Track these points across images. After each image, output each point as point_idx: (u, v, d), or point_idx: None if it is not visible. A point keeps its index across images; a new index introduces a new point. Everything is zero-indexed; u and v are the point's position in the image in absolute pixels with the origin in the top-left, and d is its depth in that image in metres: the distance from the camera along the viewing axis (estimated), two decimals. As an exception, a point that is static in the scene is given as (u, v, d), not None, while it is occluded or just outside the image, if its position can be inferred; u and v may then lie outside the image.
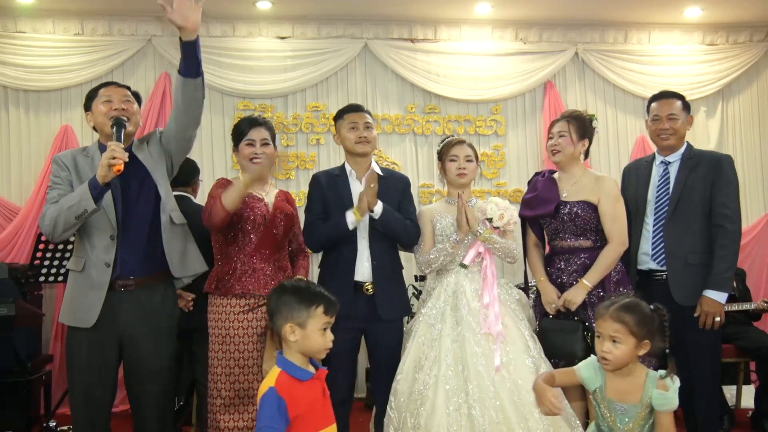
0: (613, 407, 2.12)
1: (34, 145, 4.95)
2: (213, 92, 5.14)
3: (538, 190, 3.12)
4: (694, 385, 2.99)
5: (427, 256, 3.01)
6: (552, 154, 3.09)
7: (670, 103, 3.16)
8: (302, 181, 5.13)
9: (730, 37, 5.57)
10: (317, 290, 2.08)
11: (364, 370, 4.56)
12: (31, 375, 4.05)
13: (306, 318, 2.00)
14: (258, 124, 2.88)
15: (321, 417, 2.00)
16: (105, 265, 2.54)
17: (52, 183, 2.63)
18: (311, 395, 1.99)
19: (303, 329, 2.00)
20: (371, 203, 2.84)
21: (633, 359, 2.12)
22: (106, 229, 2.57)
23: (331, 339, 2.04)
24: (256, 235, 2.78)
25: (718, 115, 5.60)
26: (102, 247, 2.56)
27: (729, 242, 2.99)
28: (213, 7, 4.93)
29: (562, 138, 3.04)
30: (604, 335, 2.11)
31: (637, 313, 2.10)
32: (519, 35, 5.42)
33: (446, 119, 5.35)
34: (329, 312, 2.03)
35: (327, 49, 5.23)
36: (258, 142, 2.84)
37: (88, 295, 2.54)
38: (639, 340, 2.09)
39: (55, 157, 2.69)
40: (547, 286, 3.00)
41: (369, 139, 3.01)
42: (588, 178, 3.07)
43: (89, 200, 2.44)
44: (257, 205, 2.80)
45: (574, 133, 3.03)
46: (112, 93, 2.68)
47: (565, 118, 3.10)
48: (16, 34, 4.93)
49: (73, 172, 2.61)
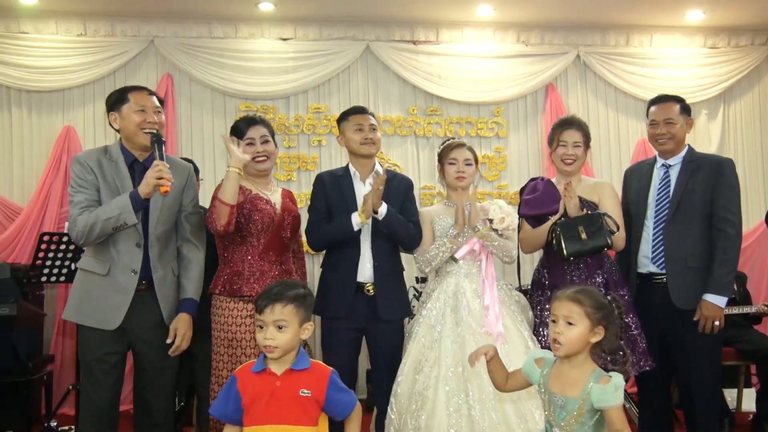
0: (553, 400, 2.09)
1: (36, 146, 4.96)
2: (215, 93, 5.16)
3: (539, 191, 3.13)
4: (694, 388, 3.00)
5: (425, 253, 3.01)
6: (566, 163, 3.08)
7: (668, 108, 3.16)
8: (303, 183, 5.13)
9: (731, 41, 5.57)
10: (266, 288, 2.15)
11: (365, 371, 4.57)
12: (32, 375, 4.06)
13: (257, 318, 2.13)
14: (255, 123, 2.89)
15: (266, 414, 2.02)
16: (132, 272, 2.60)
17: (77, 185, 2.62)
18: (259, 388, 2.04)
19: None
20: (376, 205, 2.84)
21: (584, 347, 2.07)
22: (134, 237, 2.61)
23: (266, 338, 2.04)
24: (265, 237, 2.78)
25: (719, 118, 5.60)
26: (129, 253, 2.60)
27: (730, 246, 2.99)
28: (215, 9, 4.95)
29: (577, 148, 3.08)
30: (558, 317, 2.09)
31: (593, 297, 2.09)
32: (520, 37, 5.42)
33: (447, 121, 5.35)
34: (258, 310, 2.08)
35: (329, 50, 5.23)
36: (258, 140, 2.85)
37: (113, 297, 2.58)
38: (593, 324, 2.05)
39: (78, 158, 2.67)
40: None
41: (374, 140, 3.02)
42: (586, 183, 3.16)
43: (131, 214, 2.49)
44: (264, 206, 2.80)
45: (585, 143, 3.11)
46: (146, 102, 2.66)
47: (576, 126, 3.11)
48: (18, 34, 4.94)
49: (99, 176, 2.61)
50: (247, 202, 2.78)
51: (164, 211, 2.68)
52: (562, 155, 3.08)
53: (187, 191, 2.78)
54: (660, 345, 3.03)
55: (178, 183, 2.70)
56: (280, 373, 2.06)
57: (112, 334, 2.58)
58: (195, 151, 5.04)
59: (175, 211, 2.74)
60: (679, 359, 3.04)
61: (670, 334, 3.04)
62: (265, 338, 2.04)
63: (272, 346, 2.03)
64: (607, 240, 2.84)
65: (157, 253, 2.65)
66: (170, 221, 2.72)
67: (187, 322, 2.67)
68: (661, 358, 3.02)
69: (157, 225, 2.66)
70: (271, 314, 2.04)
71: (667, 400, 3.23)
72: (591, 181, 3.18)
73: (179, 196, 2.74)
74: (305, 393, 2.04)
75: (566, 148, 3.07)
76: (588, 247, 2.85)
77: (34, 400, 4.18)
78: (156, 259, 2.65)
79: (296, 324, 2.07)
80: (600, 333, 2.07)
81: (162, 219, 2.67)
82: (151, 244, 2.64)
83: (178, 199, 2.74)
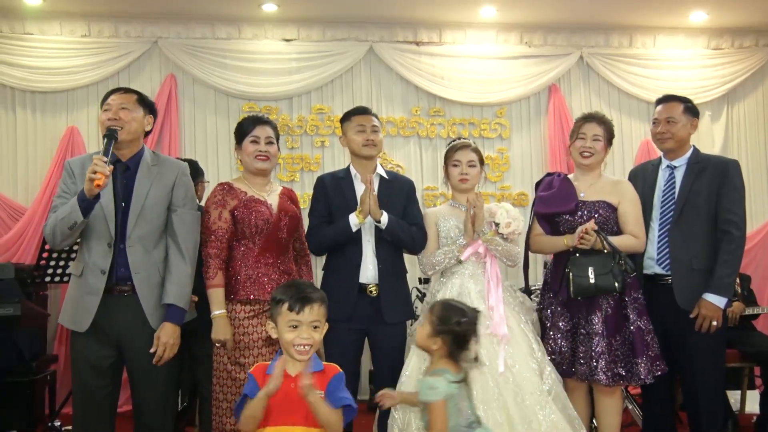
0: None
1: (41, 146, 4.97)
2: (218, 94, 5.17)
3: (555, 188, 3.09)
4: (698, 388, 2.99)
5: (431, 258, 3.01)
6: (583, 156, 3.05)
7: (671, 107, 3.16)
8: (306, 183, 5.13)
9: (735, 42, 5.56)
10: (293, 288, 2.17)
11: (367, 372, 4.57)
12: (36, 375, 4.06)
13: (277, 316, 2.14)
14: (263, 123, 2.88)
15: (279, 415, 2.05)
16: (101, 272, 2.53)
17: (59, 190, 2.62)
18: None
19: (278, 326, 2.14)
20: (375, 213, 2.84)
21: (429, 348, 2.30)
22: (105, 237, 2.55)
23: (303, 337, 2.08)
24: (260, 239, 2.77)
25: (723, 119, 5.59)
26: (99, 253, 2.54)
27: (734, 248, 2.98)
28: (218, 10, 4.96)
29: (596, 142, 3.04)
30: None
31: (445, 309, 2.31)
32: (524, 39, 5.41)
33: (450, 122, 5.35)
34: (294, 308, 2.09)
35: (332, 51, 5.23)
36: (263, 140, 2.84)
37: (85, 299, 2.54)
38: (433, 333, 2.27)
39: (67, 163, 2.66)
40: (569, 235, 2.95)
41: (375, 142, 3.01)
42: (605, 180, 3.09)
43: (78, 212, 2.43)
44: (260, 208, 2.79)
45: (606, 139, 3.06)
46: (114, 100, 2.63)
47: (598, 120, 3.07)
48: (23, 35, 4.95)
49: (78, 179, 2.57)
50: (241, 205, 2.77)
51: (147, 211, 2.59)
52: (580, 147, 3.04)
53: (177, 189, 2.67)
54: (664, 346, 3.02)
55: (165, 182, 2.64)
56: (295, 375, 2.07)
57: (98, 338, 2.54)
58: (198, 152, 5.05)
59: (162, 211, 2.64)
60: (683, 361, 3.04)
61: (674, 336, 3.04)
62: (301, 338, 2.08)
63: (308, 345, 2.08)
64: (614, 284, 2.82)
65: (140, 254, 2.56)
66: (156, 221, 2.62)
67: (169, 330, 2.56)
68: (666, 360, 3.01)
69: (137, 225, 2.57)
70: (309, 314, 2.10)
71: (670, 401, 3.22)
72: (610, 180, 3.11)
73: (166, 196, 2.64)
74: (318, 394, 2.05)
75: (585, 141, 3.03)
76: (594, 290, 2.86)
77: (38, 400, 4.17)
78: (138, 260, 2.56)
79: (324, 324, 2.16)
80: (437, 342, 2.27)
81: (144, 218, 2.58)
82: (131, 244, 2.56)
83: (166, 198, 2.64)
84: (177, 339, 2.60)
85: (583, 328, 2.92)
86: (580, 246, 2.87)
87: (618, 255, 2.83)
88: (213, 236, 2.74)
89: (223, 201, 2.78)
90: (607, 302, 2.90)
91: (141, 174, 2.63)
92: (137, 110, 2.65)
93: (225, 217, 2.76)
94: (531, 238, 3.17)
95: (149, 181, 2.63)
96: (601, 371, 2.81)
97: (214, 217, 2.76)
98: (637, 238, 2.97)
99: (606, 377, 2.82)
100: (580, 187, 3.06)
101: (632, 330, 2.88)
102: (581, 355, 2.88)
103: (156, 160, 2.70)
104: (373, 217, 2.85)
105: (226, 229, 2.76)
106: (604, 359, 2.82)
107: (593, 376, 2.84)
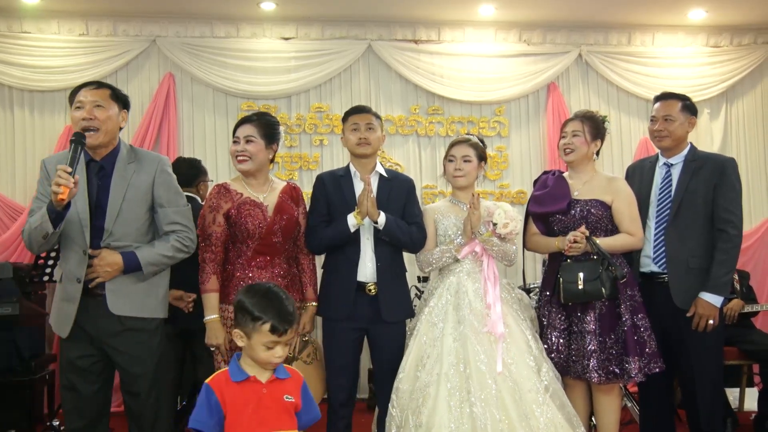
0: None
1: (39, 145, 4.97)
2: (216, 93, 5.16)
3: (549, 187, 3.10)
4: (697, 387, 2.99)
5: (429, 256, 3.01)
6: (565, 153, 3.07)
7: (668, 105, 3.15)
8: (306, 182, 5.12)
9: (734, 39, 5.56)
10: (274, 305, 2.03)
11: (366, 371, 4.57)
12: (35, 374, 4.06)
13: (251, 330, 2.02)
14: (244, 122, 2.85)
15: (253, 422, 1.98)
16: (76, 281, 2.46)
17: (37, 192, 2.54)
18: (243, 397, 2.00)
19: (249, 339, 2.03)
20: (372, 214, 2.83)
21: None
22: (80, 244, 2.47)
23: (278, 356, 2.02)
24: (253, 242, 2.76)
25: (721, 117, 5.59)
26: (74, 261, 2.48)
27: (730, 247, 2.98)
28: (217, 8, 4.96)
29: (576, 137, 3.04)
30: None
31: None
32: (522, 37, 5.41)
33: (449, 120, 5.35)
34: (276, 332, 2.00)
35: (331, 50, 5.23)
36: (242, 140, 2.81)
37: (64, 306, 2.51)
38: None
39: (42, 162, 2.56)
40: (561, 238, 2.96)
41: (370, 140, 2.98)
42: (600, 178, 3.09)
43: (47, 222, 2.35)
44: (254, 212, 2.76)
45: (588, 133, 3.05)
46: (85, 97, 2.49)
47: (579, 117, 3.09)
48: (21, 34, 4.95)
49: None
50: (234, 208, 2.76)
51: (125, 213, 2.50)
52: (561, 145, 3.09)
53: (157, 188, 2.57)
54: (662, 344, 3.02)
55: (144, 180, 2.55)
56: (265, 381, 2.06)
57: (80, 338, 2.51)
58: (197, 151, 5.05)
59: (144, 211, 2.55)
60: (682, 359, 3.03)
61: (672, 334, 3.03)
62: (277, 356, 2.03)
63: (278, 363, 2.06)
64: (601, 290, 2.82)
65: None
66: (135, 223, 2.53)
67: (109, 259, 2.44)
68: (664, 358, 3.01)
69: (115, 228, 2.48)
70: (289, 334, 2.06)
71: (669, 399, 3.22)
72: (605, 177, 3.11)
73: (145, 196, 2.54)
74: (289, 399, 2.06)
75: (565, 138, 3.07)
76: (583, 296, 2.86)
77: (37, 400, 4.18)
78: None
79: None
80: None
81: (122, 221, 2.50)
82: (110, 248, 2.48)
83: (146, 198, 2.55)
84: (115, 271, 2.47)
85: (576, 326, 2.92)
86: (570, 253, 2.89)
87: (607, 261, 2.83)
88: (208, 240, 2.76)
89: (218, 205, 2.78)
90: (601, 301, 2.90)
91: (117, 174, 2.53)
92: (112, 107, 2.53)
93: (219, 221, 2.76)
94: (527, 237, 3.17)
95: (125, 181, 2.53)
96: (593, 369, 2.82)
97: (209, 221, 2.77)
98: (632, 236, 2.97)
99: (598, 375, 2.82)
100: (575, 185, 3.06)
101: (625, 329, 2.88)
102: (574, 354, 2.90)
103: (133, 156, 2.58)
104: (370, 218, 2.85)
105: (220, 233, 2.76)
106: (596, 357, 2.83)
107: (586, 374, 2.85)
